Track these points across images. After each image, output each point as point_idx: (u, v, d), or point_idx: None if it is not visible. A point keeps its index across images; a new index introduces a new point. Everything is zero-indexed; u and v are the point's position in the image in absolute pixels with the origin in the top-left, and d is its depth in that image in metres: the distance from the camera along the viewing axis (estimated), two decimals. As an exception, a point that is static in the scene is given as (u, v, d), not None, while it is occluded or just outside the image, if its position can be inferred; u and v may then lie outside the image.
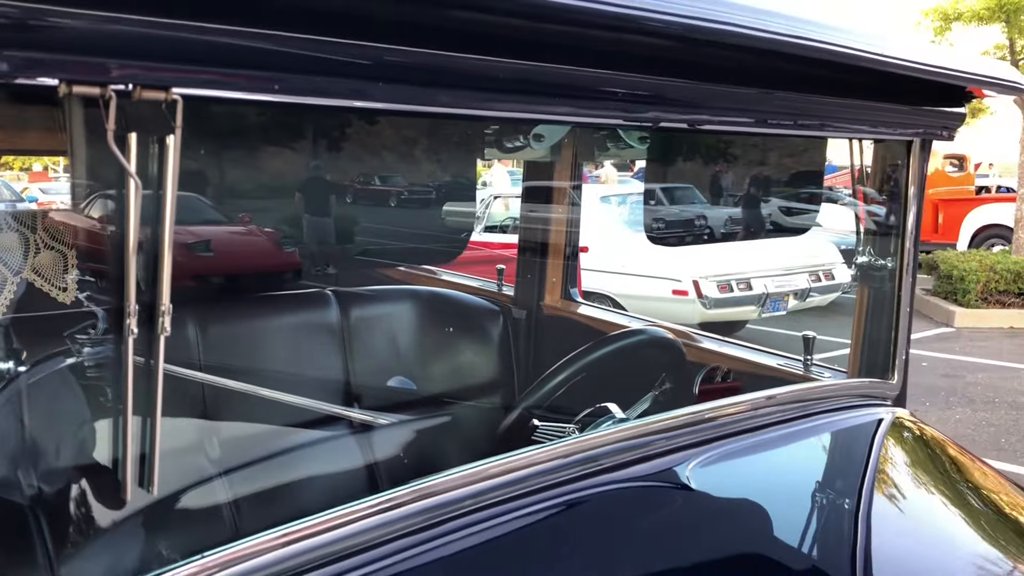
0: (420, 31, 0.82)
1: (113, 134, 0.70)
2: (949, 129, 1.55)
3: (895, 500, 1.39)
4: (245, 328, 1.80)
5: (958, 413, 6.60)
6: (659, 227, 2.24)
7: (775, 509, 1.27)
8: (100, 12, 0.65)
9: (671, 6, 0.91)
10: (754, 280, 7.73)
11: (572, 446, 1.16)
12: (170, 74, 0.70)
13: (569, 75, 0.97)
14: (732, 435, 1.35)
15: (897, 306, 1.64)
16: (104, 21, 0.65)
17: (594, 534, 1.10)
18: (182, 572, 0.81)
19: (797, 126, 1.42)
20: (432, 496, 0.99)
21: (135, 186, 0.72)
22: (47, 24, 0.63)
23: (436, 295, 2.37)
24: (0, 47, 0.60)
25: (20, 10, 0.59)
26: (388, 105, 0.87)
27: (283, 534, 0.88)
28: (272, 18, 0.73)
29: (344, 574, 0.88)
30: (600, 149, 1.89)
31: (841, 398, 1.63)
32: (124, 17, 0.66)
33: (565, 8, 0.81)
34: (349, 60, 0.79)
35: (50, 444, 1.09)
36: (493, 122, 1.45)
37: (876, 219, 1.66)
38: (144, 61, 0.68)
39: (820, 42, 1.06)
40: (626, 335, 1.75)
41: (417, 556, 0.94)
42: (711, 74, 1.11)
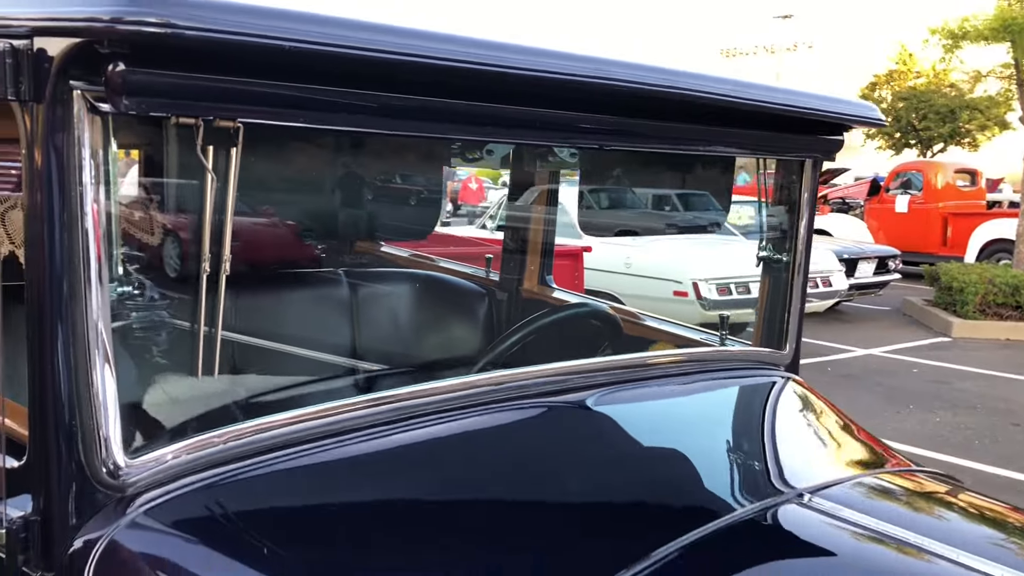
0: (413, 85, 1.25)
1: (200, 147, 1.14)
2: (831, 152, 1.97)
3: (770, 438, 1.81)
4: (276, 297, 2.24)
5: (939, 416, 6.94)
6: (591, 222, 2.71)
7: (670, 439, 1.70)
8: (197, 74, 1.09)
9: (630, 74, 1.35)
10: (752, 284, 8.09)
11: (513, 375, 1.60)
12: (236, 113, 1.14)
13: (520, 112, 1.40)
14: (643, 379, 1.78)
15: (790, 291, 2.06)
16: (199, 80, 1.09)
17: (525, 439, 1.54)
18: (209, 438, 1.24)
19: (712, 149, 1.86)
20: (413, 399, 1.45)
21: (211, 180, 1.17)
22: (164, 79, 1.07)
23: (432, 278, 2.81)
24: (143, 94, 1.05)
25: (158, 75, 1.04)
26: (381, 130, 1.31)
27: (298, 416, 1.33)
28: (295, 76, 1.16)
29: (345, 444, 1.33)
30: (542, 161, 2.35)
31: (742, 362, 2.06)
32: (209, 76, 1.10)
33: (522, 78, 1.24)
34: (350, 102, 1.23)
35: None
36: (457, 141, 1.90)
37: (776, 221, 2.08)
38: (220, 103, 1.13)
39: (728, 95, 1.50)
40: (573, 307, 2.17)
41: (394, 436, 1.39)
42: (649, 114, 1.54)
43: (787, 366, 2.08)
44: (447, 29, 1.22)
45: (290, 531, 1.23)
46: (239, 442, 1.27)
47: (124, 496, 1.18)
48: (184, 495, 1.20)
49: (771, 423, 1.82)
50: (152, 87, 1.06)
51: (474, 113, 1.33)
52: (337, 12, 1.15)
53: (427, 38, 1.18)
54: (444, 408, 1.49)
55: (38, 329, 1.14)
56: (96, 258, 1.12)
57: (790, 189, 2.04)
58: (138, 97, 1.05)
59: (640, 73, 1.40)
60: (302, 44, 1.06)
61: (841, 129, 1.93)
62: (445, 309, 2.68)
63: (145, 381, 1.32)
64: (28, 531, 1.16)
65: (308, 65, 1.12)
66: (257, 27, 1.03)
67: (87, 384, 1.14)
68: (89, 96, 1.08)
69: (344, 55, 1.09)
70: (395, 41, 1.15)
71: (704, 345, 2.21)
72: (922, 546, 1.26)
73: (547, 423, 1.59)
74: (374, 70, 1.16)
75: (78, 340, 1.14)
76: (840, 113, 1.77)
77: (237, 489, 1.23)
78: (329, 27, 1.10)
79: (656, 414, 1.73)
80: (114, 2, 0.98)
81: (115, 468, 1.17)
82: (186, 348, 1.32)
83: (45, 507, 1.16)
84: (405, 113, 1.29)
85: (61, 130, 1.09)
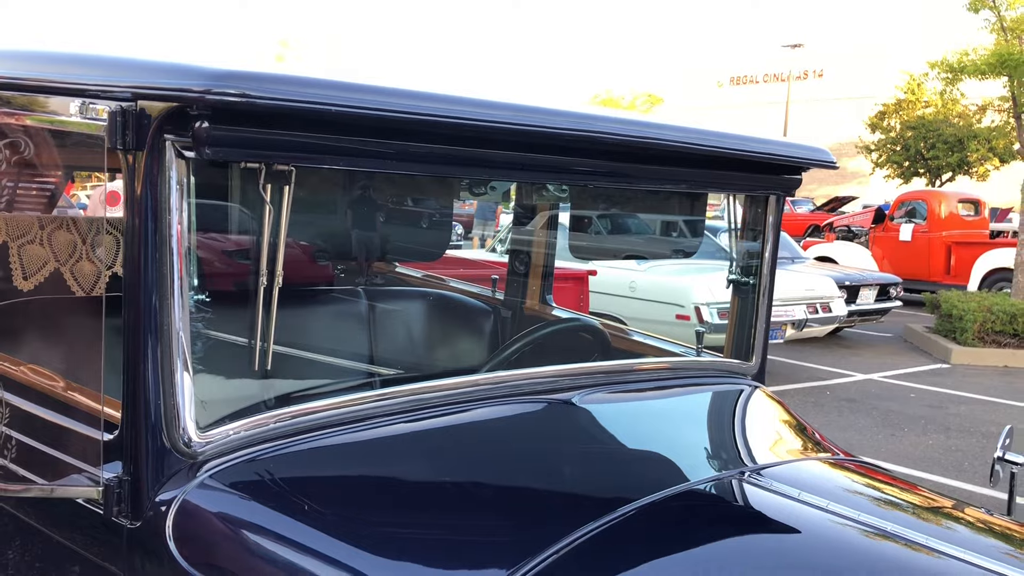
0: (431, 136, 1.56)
1: (261, 185, 1.46)
2: (791, 188, 2.27)
3: (730, 433, 2.10)
4: (302, 311, 2.55)
5: (931, 439, 7.16)
6: (579, 246, 3.04)
7: (642, 431, 1.99)
8: (262, 129, 1.40)
9: (613, 127, 1.66)
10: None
11: (511, 375, 1.91)
12: (291, 159, 1.45)
13: (518, 157, 1.71)
14: (625, 382, 2.08)
15: (757, 310, 2.35)
16: (264, 134, 1.40)
17: (518, 428, 1.84)
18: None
19: (684, 187, 2.17)
20: (426, 393, 1.76)
21: (269, 211, 1.48)
22: (238, 134, 1.38)
23: (442, 296, 3.12)
24: (221, 145, 1.36)
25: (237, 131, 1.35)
26: (403, 172, 1.61)
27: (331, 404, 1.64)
28: (337, 130, 1.47)
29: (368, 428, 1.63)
30: (537, 195, 2.68)
31: (712, 371, 2.35)
32: (271, 131, 1.41)
33: (518, 131, 1.55)
34: (379, 150, 1.54)
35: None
36: (465, 179, 2.21)
37: (744, 248, 2.37)
38: (279, 152, 1.44)
39: (697, 143, 1.81)
40: (566, 322, 2.47)
41: (409, 423, 1.69)
42: (632, 159, 1.84)
43: (754, 375, 2.37)
44: (455, 91, 1.54)
45: (322, 493, 1.54)
46: (284, 423, 1.57)
47: (195, 463, 1.48)
48: (241, 463, 1.50)
49: (733, 422, 2.11)
50: (228, 140, 1.37)
51: (479, 158, 1.65)
52: (371, 81, 1.47)
53: (438, 100, 1.49)
54: (451, 401, 1.79)
55: (133, 331, 1.44)
56: (179, 274, 1.43)
57: (756, 220, 2.33)
58: (217, 147, 1.36)
59: (622, 126, 1.71)
60: (343, 108, 1.37)
61: (799, 169, 2.23)
62: (454, 323, 2.98)
63: (212, 374, 1.62)
64: (121, 489, 1.46)
65: (347, 122, 1.43)
66: (309, 95, 1.35)
67: (170, 375, 1.45)
68: (178, 145, 1.39)
69: (375, 116, 1.41)
70: (413, 104, 1.46)
71: (681, 356, 2.50)
72: (841, 513, 1.53)
73: (537, 416, 1.88)
74: (397, 125, 1.47)
75: (164, 340, 1.44)
76: (796, 157, 2.07)
77: (282, 459, 1.54)
78: (364, 94, 1.41)
79: (633, 411, 2.03)
80: (203, 77, 1.30)
81: (189, 440, 1.47)
82: (244, 349, 1.62)
83: (134, 471, 1.46)
84: (422, 158, 1.60)
85: (156, 172, 1.40)
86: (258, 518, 1.47)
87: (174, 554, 1.41)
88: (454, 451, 1.71)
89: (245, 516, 1.48)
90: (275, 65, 1.56)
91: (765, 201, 2.31)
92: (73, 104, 1.43)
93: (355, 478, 1.60)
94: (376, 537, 1.43)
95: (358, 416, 1.67)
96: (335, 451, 1.59)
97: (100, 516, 1.49)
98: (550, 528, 1.41)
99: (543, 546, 1.32)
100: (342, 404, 1.68)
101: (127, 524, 1.47)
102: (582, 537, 1.36)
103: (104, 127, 1.38)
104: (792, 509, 1.54)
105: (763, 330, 2.37)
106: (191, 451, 1.48)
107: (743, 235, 2.36)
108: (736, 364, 2.36)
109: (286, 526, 1.45)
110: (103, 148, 1.41)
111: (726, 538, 1.49)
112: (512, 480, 1.67)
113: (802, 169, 2.23)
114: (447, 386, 1.85)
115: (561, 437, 1.83)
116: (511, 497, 1.61)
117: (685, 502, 1.56)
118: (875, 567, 1.38)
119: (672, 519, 1.51)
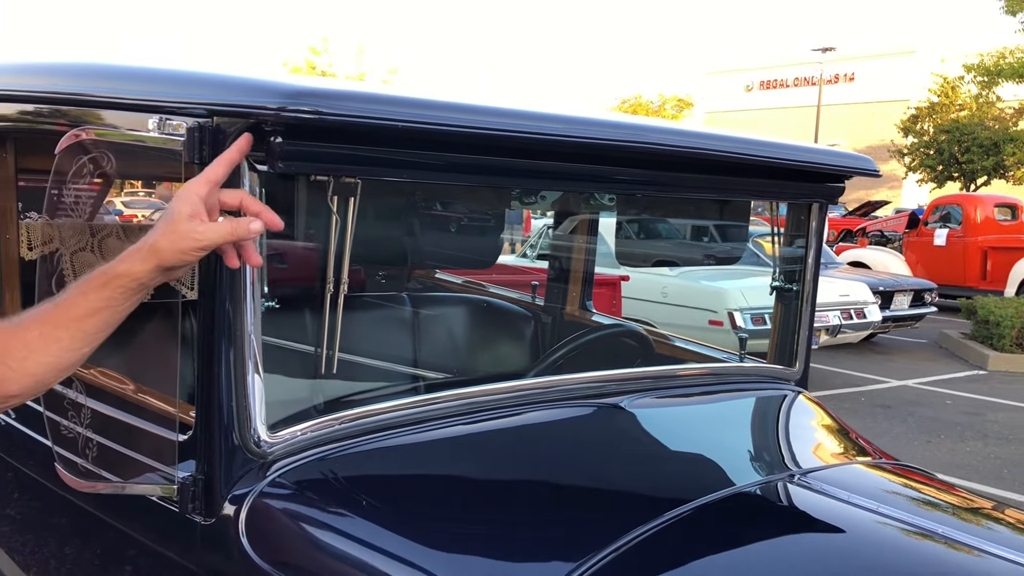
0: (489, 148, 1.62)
1: (329, 196, 1.52)
2: (834, 196, 2.30)
3: (776, 437, 2.13)
4: (356, 317, 2.61)
5: (969, 446, 7.09)
6: (625, 253, 3.09)
7: (690, 435, 2.03)
8: (332, 144, 1.47)
9: (662, 138, 1.71)
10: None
11: (560, 380, 1.96)
12: (358, 171, 1.52)
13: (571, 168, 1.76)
14: (670, 387, 2.13)
15: (800, 316, 2.38)
16: (333, 148, 1.47)
17: (569, 431, 1.89)
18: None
19: (730, 196, 2.21)
20: (480, 396, 1.81)
21: (336, 221, 1.54)
22: (309, 149, 1.45)
23: (485, 302, 3.18)
24: (294, 159, 1.42)
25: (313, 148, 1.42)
26: (462, 183, 1.68)
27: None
28: (402, 144, 1.53)
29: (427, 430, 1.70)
30: (584, 204, 2.75)
31: (757, 376, 2.38)
32: (340, 145, 1.48)
33: (573, 144, 1.61)
34: (442, 162, 1.60)
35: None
36: (521, 187, 2.28)
37: (788, 255, 2.41)
38: (348, 165, 1.50)
39: (744, 153, 1.85)
40: (611, 327, 2.51)
41: (464, 426, 1.75)
42: (684, 167, 1.90)
43: (797, 381, 2.40)
44: (509, 105, 1.60)
45: (387, 491, 1.60)
46: (349, 424, 1.64)
47: (265, 462, 1.55)
48: (309, 462, 1.56)
49: (778, 426, 2.15)
50: (300, 154, 1.43)
51: (536, 169, 1.70)
52: (433, 96, 1.53)
53: (502, 115, 1.55)
54: (503, 405, 1.84)
55: (207, 337, 1.51)
56: (251, 280, 1.50)
57: (799, 227, 2.37)
58: (290, 161, 1.43)
59: (677, 137, 1.76)
60: (409, 123, 1.43)
61: (842, 178, 2.26)
62: (497, 329, 3.04)
63: (280, 377, 1.70)
64: (195, 487, 1.53)
65: (412, 136, 1.49)
66: (378, 111, 1.41)
67: (242, 377, 1.51)
68: (251, 159, 1.46)
69: (439, 131, 1.47)
70: (473, 118, 1.52)
71: (724, 362, 2.54)
72: (892, 515, 1.57)
73: (588, 419, 1.93)
74: (459, 139, 1.53)
75: (236, 346, 1.51)
76: (840, 165, 2.10)
77: (348, 459, 1.60)
78: (428, 109, 1.47)
79: (681, 415, 2.07)
80: (278, 95, 1.37)
81: (259, 441, 1.54)
82: (309, 353, 1.69)
83: (207, 469, 1.53)
84: (480, 169, 1.66)
85: (230, 184, 1.47)
86: (327, 515, 1.54)
87: (247, 550, 1.47)
88: (510, 452, 1.77)
89: (315, 513, 1.54)
90: (344, 83, 1.62)
91: (808, 208, 2.34)
92: (151, 120, 1.50)
93: (418, 477, 1.66)
94: (443, 535, 1.48)
95: (416, 419, 1.73)
96: (397, 452, 1.65)
97: (174, 513, 1.56)
98: (610, 526, 1.46)
99: (605, 543, 1.37)
100: (400, 407, 1.74)
101: (200, 521, 1.54)
102: (642, 535, 1.41)
103: (181, 141, 1.45)
104: (843, 511, 1.57)
105: (806, 336, 2.40)
106: (261, 451, 1.54)
107: (786, 242, 2.39)
108: (779, 370, 2.40)
109: (354, 523, 1.51)
110: (179, 161, 1.48)
111: (781, 539, 1.52)
112: (567, 480, 1.72)
113: (845, 177, 2.26)
114: (499, 390, 1.90)
115: (613, 440, 1.88)
116: (568, 496, 1.66)
117: (738, 503, 1.60)
118: (930, 569, 1.41)
119: (727, 520, 1.55)
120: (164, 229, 1.24)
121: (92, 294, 1.22)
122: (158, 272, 1.25)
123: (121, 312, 1.25)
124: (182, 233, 1.24)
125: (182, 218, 1.25)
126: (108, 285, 1.22)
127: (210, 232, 1.27)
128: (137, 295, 1.25)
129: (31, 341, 1.19)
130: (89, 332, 1.23)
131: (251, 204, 1.35)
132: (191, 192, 1.28)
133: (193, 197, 1.27)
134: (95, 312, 1.22)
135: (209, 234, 1.27)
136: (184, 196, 1.27)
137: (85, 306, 1.21)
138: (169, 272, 1.27)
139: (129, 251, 1.24)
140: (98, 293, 1.22)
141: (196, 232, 1.25)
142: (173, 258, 1.24)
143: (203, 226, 1.26)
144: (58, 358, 1.21)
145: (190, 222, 1.25)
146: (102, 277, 1.23)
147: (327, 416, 1.63)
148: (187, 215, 1.25)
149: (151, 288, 1.28)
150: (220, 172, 1.33)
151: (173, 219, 1.25)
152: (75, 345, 1.22)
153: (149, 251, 1.23)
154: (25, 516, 2.22)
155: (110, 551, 1.84)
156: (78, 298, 1.22)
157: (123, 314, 1.26)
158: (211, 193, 1.31)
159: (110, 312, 1.23)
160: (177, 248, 1.24)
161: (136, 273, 1.23)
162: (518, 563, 1.44)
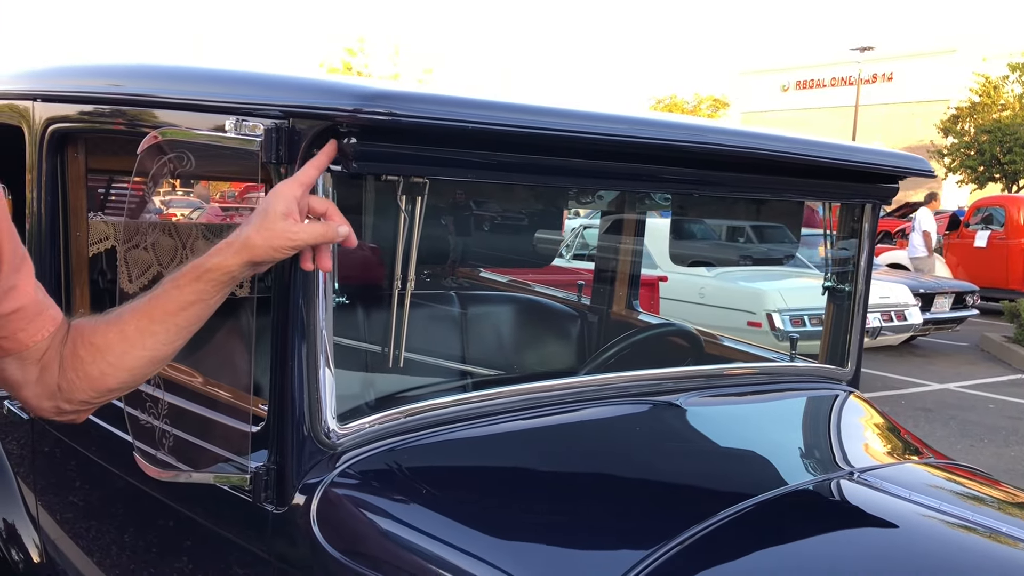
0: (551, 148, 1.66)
1: (399, 196, 1.57)
2: (888, 197, 2.30)
3: (830, 436, 2.14)
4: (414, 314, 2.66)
5: (1014, 451, 6.98)
6: (680, 253, 3.11)
7: (745, 433, 2.04)
8: (403, 145, 1.51)
9: (720, 138, 1.73)
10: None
11: (614, 378, 1.99)
12: (427, 171, 1.56)
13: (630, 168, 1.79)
14: (724, 386, 2.15)
15: (852, 317, 2.39)
16: (404, 149, 1.51)
17: (626, 428, 1.92)
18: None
19: (784, 196, 2.23)
20: (539, 392, 1.85)
21: (404, 219, 1.59)
22: (381, 149, 1.49)
23: (532, 301, 3.22)
24: (367, 160, 1.47)
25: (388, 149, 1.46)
26: (526, 183, 1.71)
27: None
28: (470, 144, 1.57)
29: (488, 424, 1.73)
30: (640, 204, 2.77)
31: (809, 376, 2.39)
32: (411, 146, 1.52)
33: (634, 144, 1.63)
34: (507, 162, 1.63)
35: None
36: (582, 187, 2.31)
37: (841, 256, 2.41)
38: (418, 165, 1.55)
39: (799, 153, 1.87)
40: (662, 326, 2.54)
41: (523, 420, 1.79)
42: (741, 167, 1.92)
43: (848, 381, 2.40)
44: (573, 106, 1.63)
45: (454, 483, 1.64)
46: (415, 418, 1.68)
47: (335, 453, 1.59)
48: (377, 453, 1.61)
49: (832, 425, 2.16)
50: (374, 155, 1.48)
51: (595, 170, 1.73)
52: (499, 98, 1.57)
53: (561, 115, 1.58)
54: (560, 401, 1.88)
55: (281, 333, 1.57)
56: (323, 277, 1.55)
57: (852, 229, 2.37)
58: (364, 162, 1.47)
59: (732, 137, 1.78)
60: (478, 124, 1.47)
61: (896, 179, 2.26)
62: (546, 328, 3.08)
63: (349, 371, 1.75)
64: (267, 477, 1.58)
65: (480, 137, 1.53)
66: (448, 113, 1.45)
67: (314, 372, 1.56)
68: None
69: (506, 131, 1.50)
70: (539, 119, 1.55)
71: (776, 362, 2.55)
72: (954, 513, 1.58)
73: (645, 416, 1.96)
74: (525, 139, 1.57)
75: (309, 341, 1.56)
76: (895, 166, 2.11)
77: (415, 451, 1.65)
78: (496, 111, 1.51)
79: (736, 414, 2.09)
80: (353, 97, 1.41)
81: (329, 432, 1.59)
82: (376, 348, 1.74)
83: (279, 460, 1.58)
84: (542, 169, 1.69)
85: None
86: (394, 505, 1.58)
87: (318, 538, 1.52)
88: (569, 447, 1.80)
89: (382, 503, 1.58)
90: (415, 86, 1.67)
91: (861, 209, 2.34)
92: (229, 121, 1.55)
93: (481, 470, 1.70)
94: (507, 526, 1.52)
95: (476, 413, 1.76)
96: (460, 445, 1.69)
97: (247, 502, 1.61)
98: (671, 521, 1.49)
99: (667, 537, 1.40)
100: (461, 402, 1.79)
101: (272, 510, 1.59)
102: (704, 530, 1.43)
103: (259, 142, 1.50)
104: (904, 508, 1.58)
105: (858, 337, 2.40)
106: (331, 442, 1.59)
107: (840, 242, 2.40)
108: (831, 370, 2.40)
109: (423, 513, 1.55)
110: (256, 162, 1.53)
111: (842, 534, 1.54)
112: (626, 475, 1.75)
113: (900, 178, 2.26)
114: (555, 387, 1.94)
115: (669, 437, 1.91)
116: (628, 491, 1.69)
117: (797, 500, 1.62)
118: (995, 564, 1.42)
119: (787, 517, 1.57)
120: (258, 224, 1.29)
121: (186, 287, 1.27)
122: (248, 267, 1.30)
123: (211, 306, 1.30)
124: (277, 231, 1.29)
125: (277, 216, 1.30)
126: (201, 279, 1.27)
127: (303, 232, 1.32)
128: (227, 289, 1.30)
129: (129, 335, 1.24)
130: (182, 326, 1.28)
131: (336, 213, 1.39)
132: (286, 192, 1.33)
133: (289, 196, 1.32)
134: (189, 306, 1.27)
135: (302, 234, 1.32)
136: (279, 195, 1.32)
137: (179, 300, 1.27)
138: (256, 267, 1.32)
139: (220, 246, 1.29)
140: (192, 287, 1.27)
141: (290, 231, 1.30)
142: (265, 254, 1.29)
143: (297, 226, 1.31)
144: (153, 352, 1.27)
145: (284, 221, 1.30)
146: (195, 271, 1.28)
147: (393, 409, 1.68)
148: (281, 213, 1.30)
149: (240, 283, 1.33)
150: (312, 175, 1.39)
151: (268, 216, 1.30)
152: (169, 339, 1.27)
153: (242, 246, 1.28)
154: (88, 503, 2.30)
155: (182, 539, 1.90)
156: (172, 292, 1.27)
157: (212, 308, 1.31)
158: (303, 195, 1.35)
159: (202, 306, 1.28)
160: (270, 245, 1.29)
161: (228, 267, 1.28)
162: (581, 555, 1.47)
